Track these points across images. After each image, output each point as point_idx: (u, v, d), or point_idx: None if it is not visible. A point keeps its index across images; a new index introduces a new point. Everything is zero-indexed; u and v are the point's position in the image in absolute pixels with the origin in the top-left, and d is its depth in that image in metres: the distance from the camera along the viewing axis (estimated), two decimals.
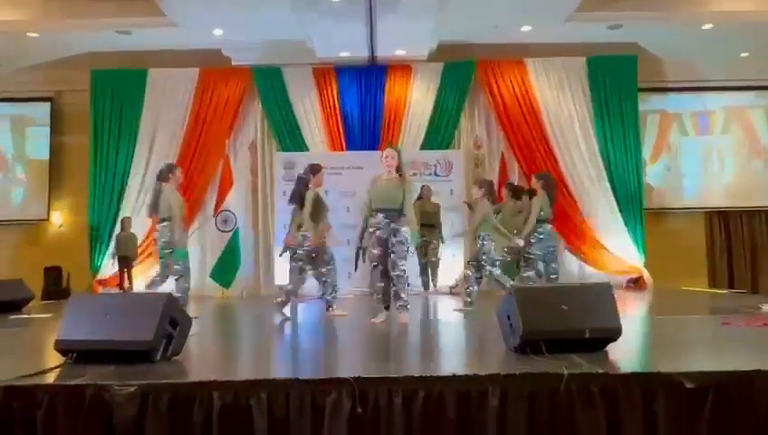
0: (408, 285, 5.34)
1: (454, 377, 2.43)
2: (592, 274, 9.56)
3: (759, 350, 3.28)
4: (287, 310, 5.67)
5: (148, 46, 9.53)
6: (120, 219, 9.29)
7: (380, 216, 5.05)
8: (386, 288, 5.03)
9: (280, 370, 3.31)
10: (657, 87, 10.21)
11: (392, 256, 4.94)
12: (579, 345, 2.96)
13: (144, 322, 2.91)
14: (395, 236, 4.97)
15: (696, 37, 9.37)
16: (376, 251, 5.03)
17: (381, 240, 5.00)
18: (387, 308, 5.05)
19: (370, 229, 5.14)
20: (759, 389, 2.36)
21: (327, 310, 5.66)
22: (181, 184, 9.41)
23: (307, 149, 9.73)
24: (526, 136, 9.68)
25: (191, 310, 6.13)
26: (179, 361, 3.05)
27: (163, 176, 5.93)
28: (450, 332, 4.66)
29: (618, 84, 9.74)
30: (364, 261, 5.48)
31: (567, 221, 9.59)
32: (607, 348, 3.07)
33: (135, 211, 9.42)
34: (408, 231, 5.05)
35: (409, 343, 4.07)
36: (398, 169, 5.12)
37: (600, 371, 2.48)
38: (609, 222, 9.55)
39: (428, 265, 8.89)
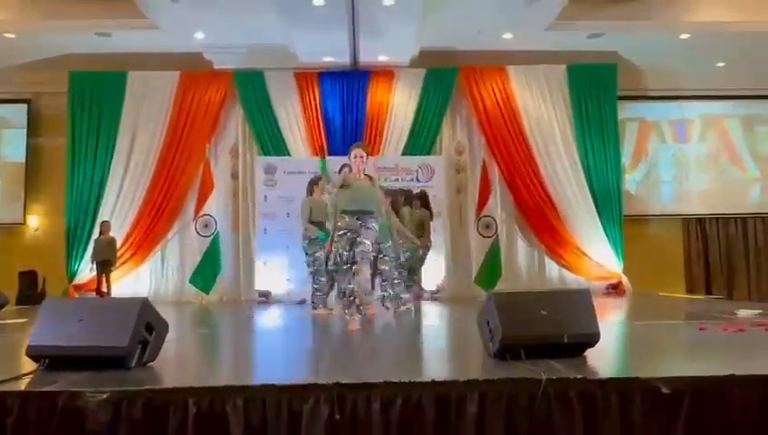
0: (373, 290, 5.27)
1: (433, 383, 2.42)
2: (572, 280, 9.66)
3: (735, 355, 3.32)
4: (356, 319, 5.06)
5: (129, 49, 9.45)
6: (98, 223, 9.15)
7: (351, 218, 4.91)
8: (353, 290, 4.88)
9: (257, 375, 3.27)
10: (637, 95, 10.37)
11: (356, 249, 4.82)
12: (558, 351, 2.97)
13: (119, 327, 2.86)
14: (364, 236, 4.85)
15: (674, 47, 9.54)
16: (346, 253, 4.88)
17: (353, 242, 4.87)
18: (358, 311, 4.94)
19: (339, 232, 4.95)
20: (734, 394, 2.38)
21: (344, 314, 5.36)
22: (160, 187, 9.45)
23: (289, 154, 9.71)
24: (507, 142, 9.75)
25: (169, 315, 6.05)
26: (155, 367, 3.00)
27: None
28: (430, 337, 4.65)
29: (598, 92, 9.87)
30: (331, 267, 5.35)
31: (547, 227, 9.67)
32: (585, 353, 3.08)
33: (114, 215, 9.30)
34: (374, 234, 4.96)
35: (389, 348, 4.05)
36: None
37: (579, 376, 2.49)
38: (590, 228, 9.64)
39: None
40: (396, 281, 6.15)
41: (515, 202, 9.87)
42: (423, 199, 8.04)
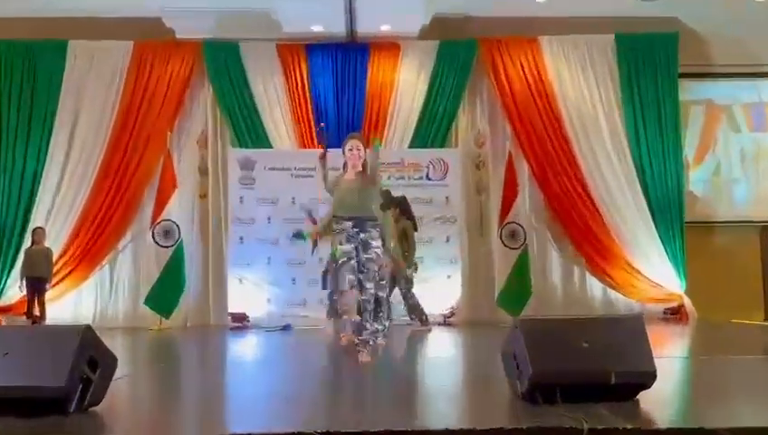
0: (382, 314, 5.28)
1: (446, 432, 2.40)
2: (621, 302, 9.62)
3: None
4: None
5: (69, 12, 9.44)
6: (29, 229, 9.15)
7: (347, 224, 4.96)
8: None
9: (230, 422, 3.26)
10: (702, 72, 10.33)
11: (361, 275, 4.88)
12: (603, 393, 2.96)
13: (55, 362, 2.85)
14: (365, 251, 4.92)
15: (748, 12, 9.47)
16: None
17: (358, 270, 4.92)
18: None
19: (342, 259, 4.97)
20: None
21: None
22: (109, 185, 9.45)
23: (270, 146, 9.71)
24: (539, 132, 9.73)
25: (118, 346, 6.05)
26: (99, 412, 2.98)
27: None
28: (442, 373, 4.63)
29: (653, 68, 9.85)
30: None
31: (589, 236, 9.64)
32: (638, 396, 3.07)
33: (50, 219, 9.30)
34: (379, 247, 4.99)
35: (391, 386, 4.03)
36: (365, 167, 5.04)
37: (629, 426, 2.48)
38: (642, 238, 9.61)
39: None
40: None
41: (549, 205, 9.84)
42: (402, 206, 7.82)
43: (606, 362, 3.02)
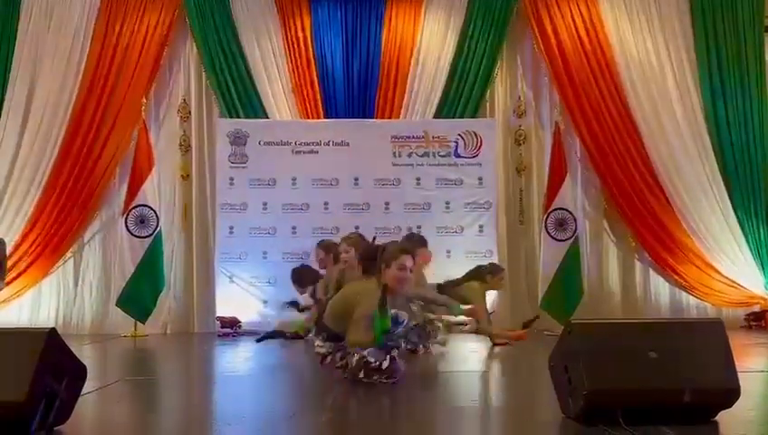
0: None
1: None
2: (694, 305, 9.57)
3: None
4: None
5: None
6: None
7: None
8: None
9: None
10: None
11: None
12: (674, 413, 2.96)
13: (13, 373, 2.87)
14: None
15: None
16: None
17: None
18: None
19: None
20: None
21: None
22: (73, 163, 9.49)
23: (265, 116, 9.69)
24: (594, 99, 9.64)
25: (87, 356, 6.10)
26: (66, 433, 3.01)
27: None
28: (475, 390, 4.62)
29: (734, 22, 9.71)
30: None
31: (654, 226, 9.57)
32: (717, 417, 3.06)
33: (1, 206, 9.35)
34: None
35: (413, 404, 4.03)
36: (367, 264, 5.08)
37: None
38: (720, 228, 9.52)
39: None
40: None
41: (605, 188, 9.76)
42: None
43: (678, 377, 3.02)
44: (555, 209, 9.31)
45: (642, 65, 9.69)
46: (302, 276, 8.11)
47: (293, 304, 8.14)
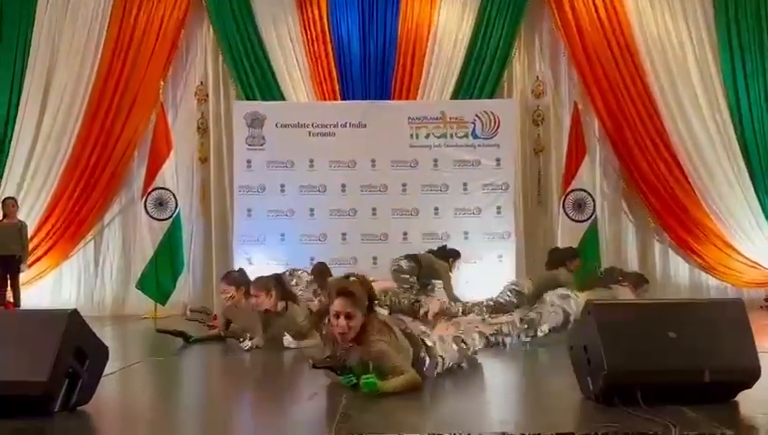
0: None
1: None
2: (714, 286, 9.54)
3: None
4: None
5: None
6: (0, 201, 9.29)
7: None
8: None
9: (242, 430, 3.30)
10: None
11: None
12: (694, 393, 2.95)
13: (35, 354, 2.90)
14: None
15: None
16: None
17: None
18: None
19: None
20: None
21: None
22: (92, 147, 9.53)
23: (282, 98, 9.70)
24: (613, 79, 9.57)
25: (108, 337, 6.15)
26: (89, 413, 3.04)
27: None
28: (496, 371, 4.63)
29: (756, 0, 9.60)
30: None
31: (673, 206, 9.52)
32: (737, 398, 3.05)
33: (23, 188, 9.43)
34: None
35: (443, 387, 4.04)
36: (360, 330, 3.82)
37: (728, 432, 2.46)
38: (739, 208, 9.47)
39: None
40: None
41: (624, 169, 9.75)
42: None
43: (698, 357, 3.01)
44: (573, 190, 9.30)
45: (662, 44, 9.61)
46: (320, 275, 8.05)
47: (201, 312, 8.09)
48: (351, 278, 4.01)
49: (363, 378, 3.55)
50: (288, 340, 5.61)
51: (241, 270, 6.93)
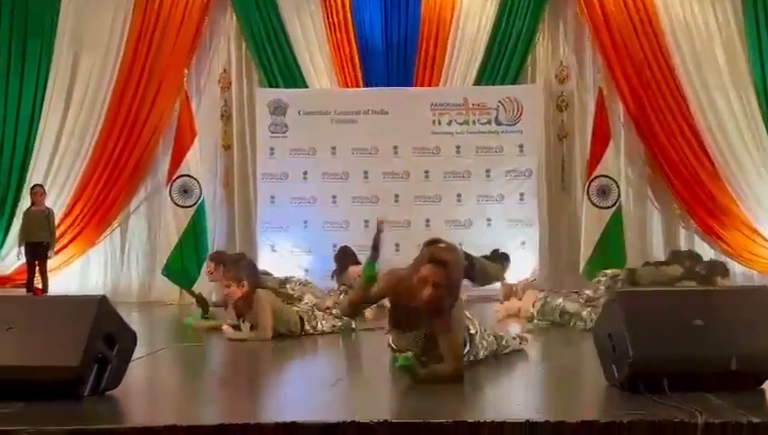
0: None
1: (528, 425, 2.42)
2: (740, 273, 9.44)
3: None
4: None
5: None
6: (26, 188, 9.39)
7: None
8: None
9: (267, 411, 3.33)
10: None
11: None
12: (720, 381, 2.95)
13: (66, 339, 2.93)
14: None
15: None
16: None
17: None
18: None
19: None
20: None
21: None
22: (117, 135, 9.61)
23: (304, 85, 9.72)
24: (639, 63, 9.50)
25: (135, 322, 6.19)
26: (117, 397, 3.07)
27: None
28: (520, 358, 4.63)
29: None
30: None
31: (699, 192, 9.46)
32: (764, 386, 3.05)
33: (50, 176, 9.53)
34: None
35: (467, 373, 4.04)
36: None
37: (755, 420, 2.46)
38: (766, 194, 9.41)
39: None
40: None
41: (649, 155, 9.69)
42: None
43: (725, 344, 3.00)
44: (598, 176, 9.25)
45: (688, 27, 9.52)
46: (341, 257, 8.09)
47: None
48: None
49: (403, 358, 3.47)
50: (230, 331, 5.57)
51: (242, 255, 7.00)
